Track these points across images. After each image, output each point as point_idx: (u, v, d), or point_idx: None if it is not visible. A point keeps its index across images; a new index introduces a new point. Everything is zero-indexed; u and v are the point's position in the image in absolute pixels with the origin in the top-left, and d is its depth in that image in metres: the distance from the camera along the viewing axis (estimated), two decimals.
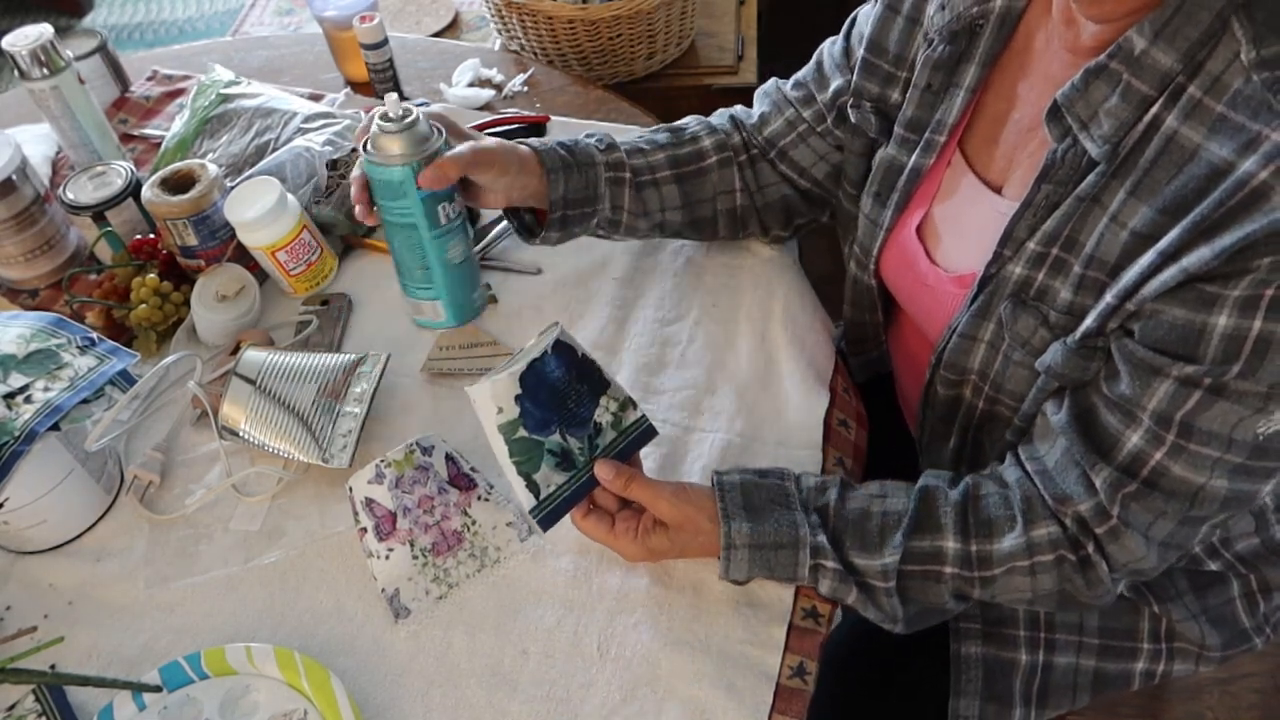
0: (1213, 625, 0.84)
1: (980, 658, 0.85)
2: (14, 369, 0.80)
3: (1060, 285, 0.69)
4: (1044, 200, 0.69)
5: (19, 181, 1.00)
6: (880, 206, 0.85)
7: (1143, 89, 0.63)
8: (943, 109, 0.79)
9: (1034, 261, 0.70)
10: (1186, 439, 0.63)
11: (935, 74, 0.78)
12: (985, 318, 0.75)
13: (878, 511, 0.73)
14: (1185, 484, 0.65)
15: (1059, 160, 0.68)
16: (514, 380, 0.71)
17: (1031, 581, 0.71)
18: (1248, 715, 1.43)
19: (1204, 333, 0.59)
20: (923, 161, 0.81)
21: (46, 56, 1.05)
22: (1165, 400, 0.63)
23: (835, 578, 0.72)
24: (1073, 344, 0.68)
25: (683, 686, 0.71)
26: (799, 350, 0.91)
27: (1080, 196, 0.67)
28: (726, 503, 0.73)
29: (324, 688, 0.71)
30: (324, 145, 1.06)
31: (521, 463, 0.72)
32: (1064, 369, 0.69)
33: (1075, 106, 0.65)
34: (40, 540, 0.83)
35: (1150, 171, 0.63)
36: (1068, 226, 0.68)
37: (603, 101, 1.23)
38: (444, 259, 0.89)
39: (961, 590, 0.73)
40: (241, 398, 0.84)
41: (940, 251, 0.82)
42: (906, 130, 0.82)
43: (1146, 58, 0.62)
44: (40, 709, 0.74)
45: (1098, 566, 0.69)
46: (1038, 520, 0.70)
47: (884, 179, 0.84)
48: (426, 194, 0.84)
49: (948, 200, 0.81)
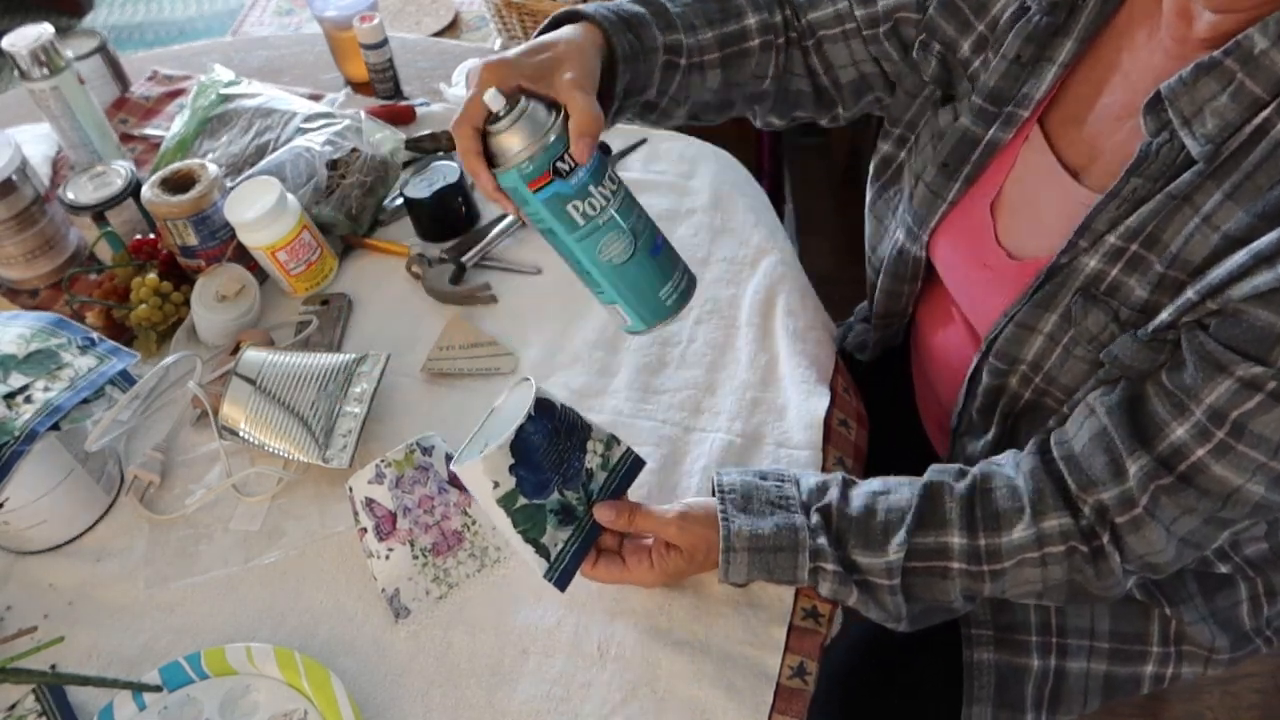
0: (1220, 628, 0.84)
1: (993, 664, 0.84)
2: (14, 369, 0.80)
3: (1136, 283, 0.67)
4: (1131, 193, 0.66)
5: (19, 181, 1.00)
6: (946, 178, 0.81)
7: (1255, 90, 0.60)
8: (1030, 83, 0.75)
9: (1111, 256, 0.68)
10: (1236, 439, 0.62)
11: (1027, 46, 0.74)
12: (1048, 309, 0.72)
13: (881, 508, 0.72)
14: (1222, 484, 0.64)
15: (1153, 154, 0.65)
16: (504, 452, 0.69)
17: (1042, 572, 0.70)
18: (1248, 715, 1.43)
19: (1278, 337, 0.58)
20: (1001, 135, 0.77)
21: (46, 56, 1.05)
22: (1225, 397, 0.61)
23: (835, 580, 0.71)
24: (1144, 336, 0.66)
25: (683, 686, 0.71)
26: (799, 350, 0.91)
27: (1172, 194, 0.64)
28: (726, 505, 0.72)
29: (324, 688, 0.71)
30: (324, 145, 1.06)
31: (527, 530, 0.70)
32: (1132, 360, 0.67)
33: (1179, 101, 0.63)
34: (40, 540, 0.83)
35: (1253, 176, 0.61)
36: (1153, 223, 0.65)
37: None
38: (599, 261, 0.71)
39: (970, 587, 0.72)
40: (241, 398, 0.84)
41: (1007, 233, 0.78)
42: (986, 101, 0.77)
43: (1265, 58, 0.60)
44: (40, 709, 0.74)
45: (1110, 558, 0.69)
46: (1048, 511, 0.70)
47: (955, 150, 0.80)
48: (547, 194, 0.68)
49: (1023, 180, 0.77)
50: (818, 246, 2.01)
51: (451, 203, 1.04)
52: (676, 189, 1.08)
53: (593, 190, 0.69)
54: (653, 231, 0.73)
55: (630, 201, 0.72)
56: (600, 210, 0.70)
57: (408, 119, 1.19)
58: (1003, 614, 0.85)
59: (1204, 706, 1.43)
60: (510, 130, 0.66)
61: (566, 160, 0.67)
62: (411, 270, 1.02)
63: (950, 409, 0.88)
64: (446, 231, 1.05)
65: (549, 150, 0.67)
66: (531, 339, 0.95)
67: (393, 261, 1.04)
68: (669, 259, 0.75)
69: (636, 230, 0.72)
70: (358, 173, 1.06)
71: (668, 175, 1.09)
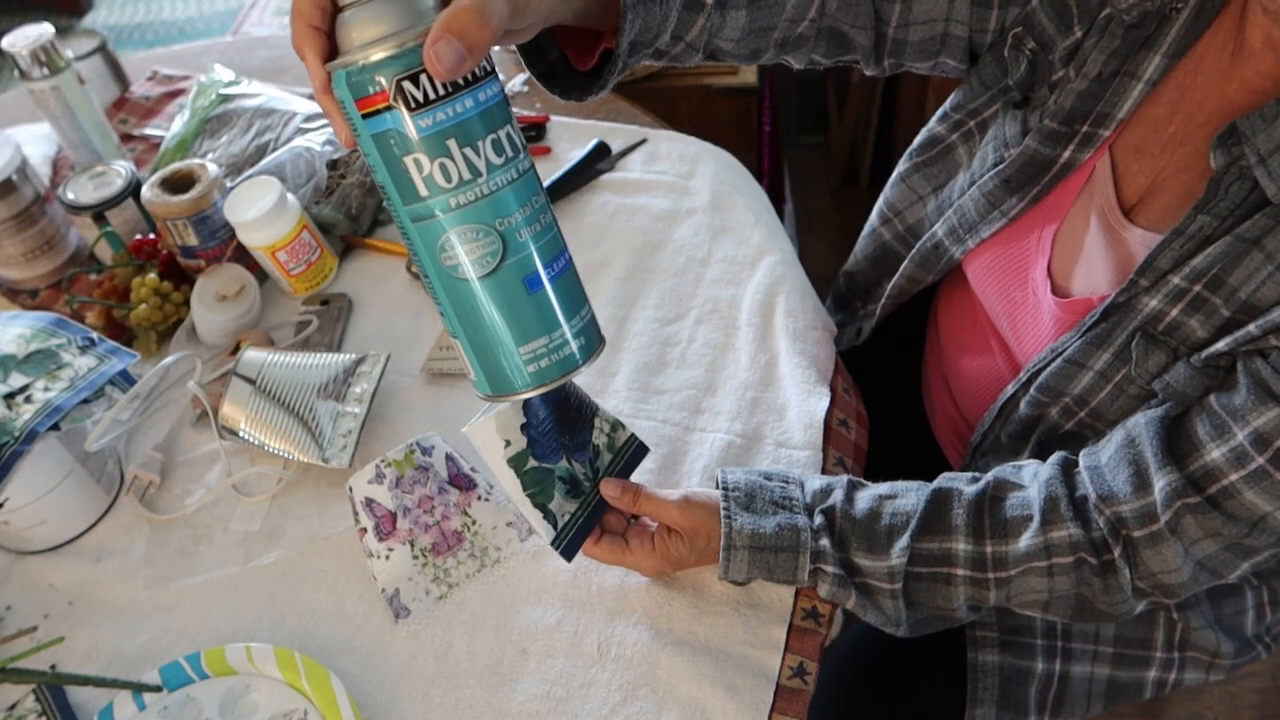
0: (1226, 634, 0.83)
1: (997, 666, 0.84)
2: (14, 369, 0.80)
3: (1198, 324, 0.64)
4: (1198, 231, 0.63)
5: (19, 181, 1.00)
6: (1007, 193, 0.77)
7: None
8: (1107, 99, 0.71)
9: (1173, 296, 0.65)
10: (1276, 467, 0.60)
11: (1110, 61, 0.69)
12: (1100, 347, 0.70)
13: (886, 512, 0.72)
14: (1250, 510, 0.62)
15: (1223, 191, 0.62)
16: (517, 410, 0.68)
17: (1049, 582, 0.69)
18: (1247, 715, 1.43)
19: None
20: (1077, 157, 0.73)
21: (46, 56, 1.05)
22: (1273, 423, 0.60)
23: (834, 582, 0.71)
24: (1198, 362, 0.64)
25: (683, 686, 0.71)
26: (799, 350, 0.91)
27: (1242, 236, 0.61)
28: (729, 502, 0.72)
29: (324, 688, 0.71)
30: (324, 145, 1.06)
31: (536, 494, 0.70)
32: (1185, 387, 0.65)
33: (1257, 137, 0.60)
34: (40, 540, 0.83)
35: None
36: (1219, 265, 0.63)
37: (603, 101, 1.23)
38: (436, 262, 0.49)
39: (974, 595, 0.71)
40: (241, 398, 0.84)
41: (1058, 266, 0.75)
42: (1059, 124, 0.73)
43: None
44: (40, 709, 0.74)
45: (1120, 573, 0.67)
46: (1058, 521, 0.68)
47: (1022, 169, 0.76)
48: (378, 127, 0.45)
49: (1083, 210, 0.74)
50: (817, 246, 2.01)
51: None
52: (676, 189, 1.08)
53: (453, 145, 0.45)
54: (549, 252, 0.50)
55: (525, 189, 0.48)
56: (459, 183, 0.46)
57: None
58: (1008, 616, 0.85)
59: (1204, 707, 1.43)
60: (360, 6, 0.45)
61: (423, 81, 0.44)
62: (411, 270, 1.02)
63: (973, 424, 0.87)
64: None
65: (399, 56, 0.44)
66: None
67: (393, 261, 1.04)
68: (557, 302, 0.51)
69: (513, 237, 0.47)
70: (358, 173, 1.06)
71: (668, 175, 1.09)
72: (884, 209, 0.98)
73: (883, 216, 0.98)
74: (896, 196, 0.95)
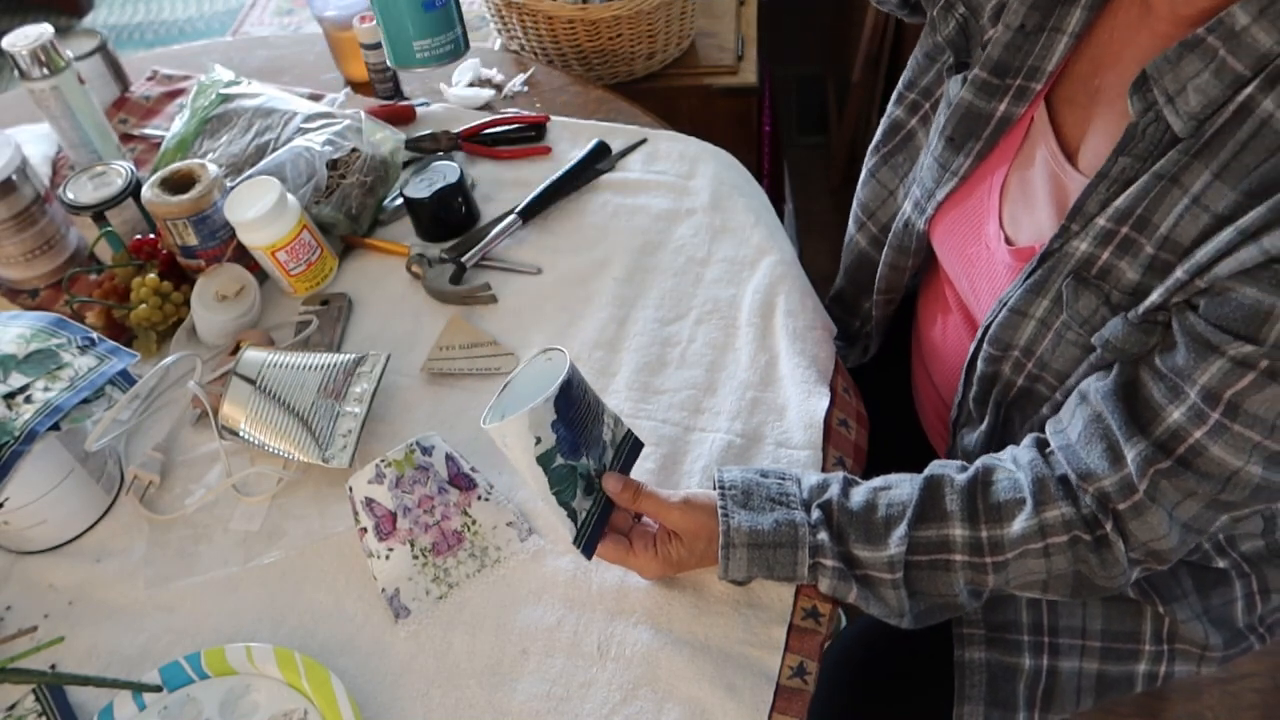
0: (1214, 626, 0.84)
1: (984, 663, 0.84)
2: (14, 369, 0.80)
3: (1127, 266, 0.67)
4: (1120, 174, 0.67)
5: (19, 181, 1.00)
6: (953, 152, 0.81)
7: (1238, 68, 0.60)
8: (1036, 54, 0.74)
9: (1102, 238, 0.68)
10: (1231, 418, 0.62)
11: (1032, 14, 0.74)
12: (1040, 294, 0.72)
13: (882, 503, 0.72)
14: (1221, 465, 0.64)
15: (1140, 133, 0.65)
16: (549, 406, 0.68)
17: (1046, 563, 0.70)
18: (1248, 715, 1.43)
19: (1271, 315, 0.58)
20: (1013, 110, 0.76)
21: (46, 56, 1.05)
22: (1217, 377, 0.61)
23: (835, 575, 0.71)
24: (1135, 318, 0.66)
25: (683, 686, 0.71)
26: (799, 350, 0.91)
27: (1159, 174, 0.64)
28: (726, 501, 0.72)
29: (324, 688, 0.71)
30: (324, 145, 1.06)
31: (560, 492, 0.70)
32: (1123, 343, 0.67)
33: (1164, 79, 0.63)
34: (40, 540, 0.83)
35: (1239, 155, 0.61)
36: (1142, 204, 0.65)
37: (603, 101, 1.23)
38: None
39: (974, 580, 0.72)
40: (241, 398, 0.84)
41: (1009, 218, 0.78)
42: (990, 74, 0.77)
43: (1246, 35, 0.60)
44: (40, 709, 0.74)
45: (1114, 546, 0.69)
46: (1050, 501, 0.69)
47: (961, 123, 0.80)
48: None
49: (1027, 160, 0.77)
50: (817, 246, 2.01)
51: (451, 203, 1.04)
52: (676, 189, 1.08)
53: None
54: None
55: None
56: None
57: (408, 119, 1.19)
58: (994, 613, 0.85)
59: (1204, 706, 1.43)
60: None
61: None
62: (411, 270, 1.02)
63: (950, 401, 0.88)
64: (446, 231, 1.05)
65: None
66: (531, 339, 0.95)
67: (393, 261, 1.04)
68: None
69: None
70: (358, 173, 1.06)
71: (668, 175, 1.09)
72: (858, 213, 0.99)
73: (858, 221, 1.00)
74: (869, 196, 0.96)
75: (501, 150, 1.14)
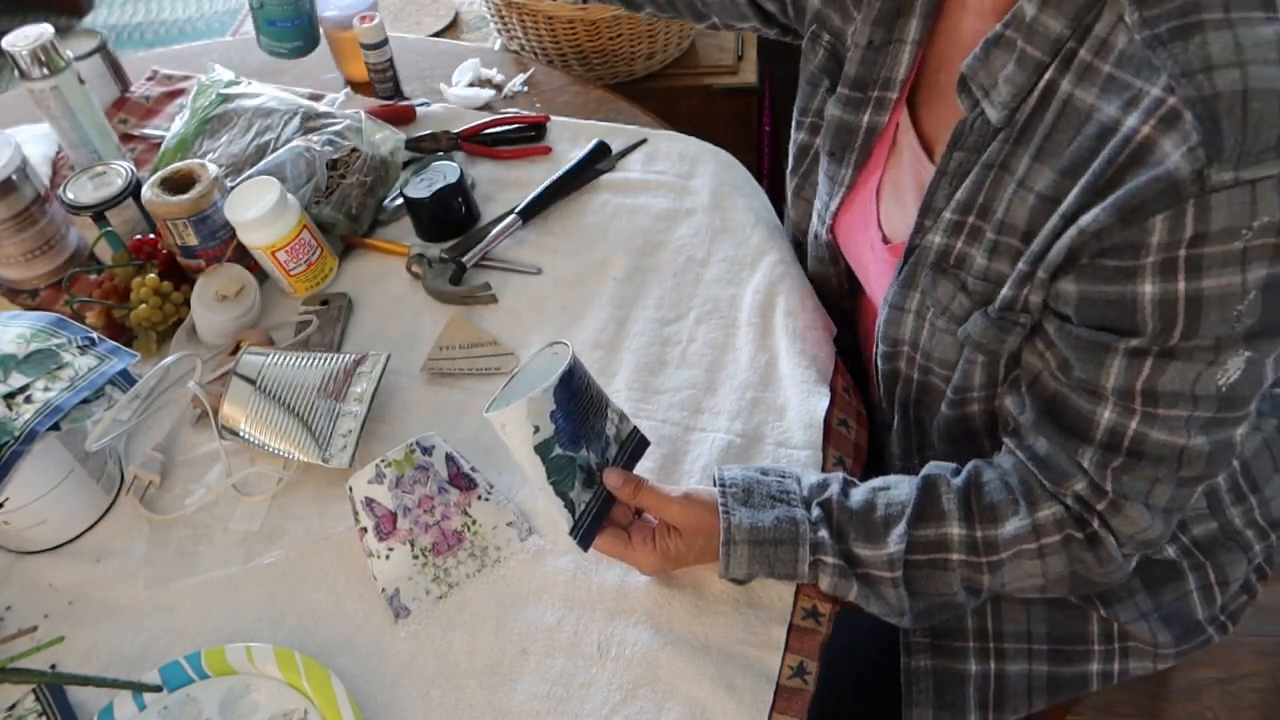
0: (1164, 622, 0.84)
1: (930, 670, 0.85)
2: (14, 369, 0.80)
3: (977, 252, 0.70)
4: (957, 168, 0.70)
5: (19, 181, 1.00)
6: (837, 164, 0.85)
7: (1036, 55, 0.64)
8: (887, 65, 0.79)
9: (951, 230, 0.71)
10: (1154, 405, 0.64)
11: (876, 30, 0.78)
12: (911, 287, 0.76)
13: (881, 503, 0.73)
14: (1167, 447, 0.65)
15: (968, 128, 0.69)
16: (549, 396, 0.69)
17: (1041, 565, 0.71)
18: (1248, 715, 1.43)
19: (1136, 304, 0.60)
20: (877, 119, 0.81)
21: (46, 56, 1.04)
22: (1121, 374, 0.64)
23: (835, 573, 0.72)
24: (993, 313, 0.69)
25: (683, 686, 0.71)
26: (799, 350, 0.91)
27: (987, 164, 0.68)
28: (727, 498, 0.73)
29: (324, 687, 0.71)
30: (324, 145, 1.06)
31: (558, 481, 0.70)
32: (982, 339, 0.70)
33: (978, 76, 0.67)
34: (40, 540, 0.83)
35: (1051, 135, 0.64)
36: (980, 194, 0.69)
37: (603, 101, 1.23)
38: None
39: (971, 579, 0.73)
40: (241, 398, 0.84)
41: (886, 217, 0.82)
42: (851, 90, 0.81)
43: (1037, 23, 0.63)
44: (40, 709, 0.74)
45: (1105, 542, 0.70)
46: (1040, 502, 0.71)
47: (836, 138, 0.84)
48: None
49: (898, 162, 0.81)
50: None
51: (451, 203, 1.04)
52: (676, 189, 1.08)
53: None
54: None
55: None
56: None
57: (408, 119, 1.19)
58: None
59: (1204, 706, 1.43)
60: None
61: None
62: (411, 270, 1.02)
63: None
64: (446, 231, 1.05)
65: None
66: (531, 339, 0.95)
67: (393, 261, 1.04)
68: None
69: None
70: (358, 173, 1.06)
71: (668, 175, 1.09)
72: (794, 234, 1.02)
73: (795, 242, 1.02)
74: (799, 216, 0.99)
75: (501, 150, 1.14)
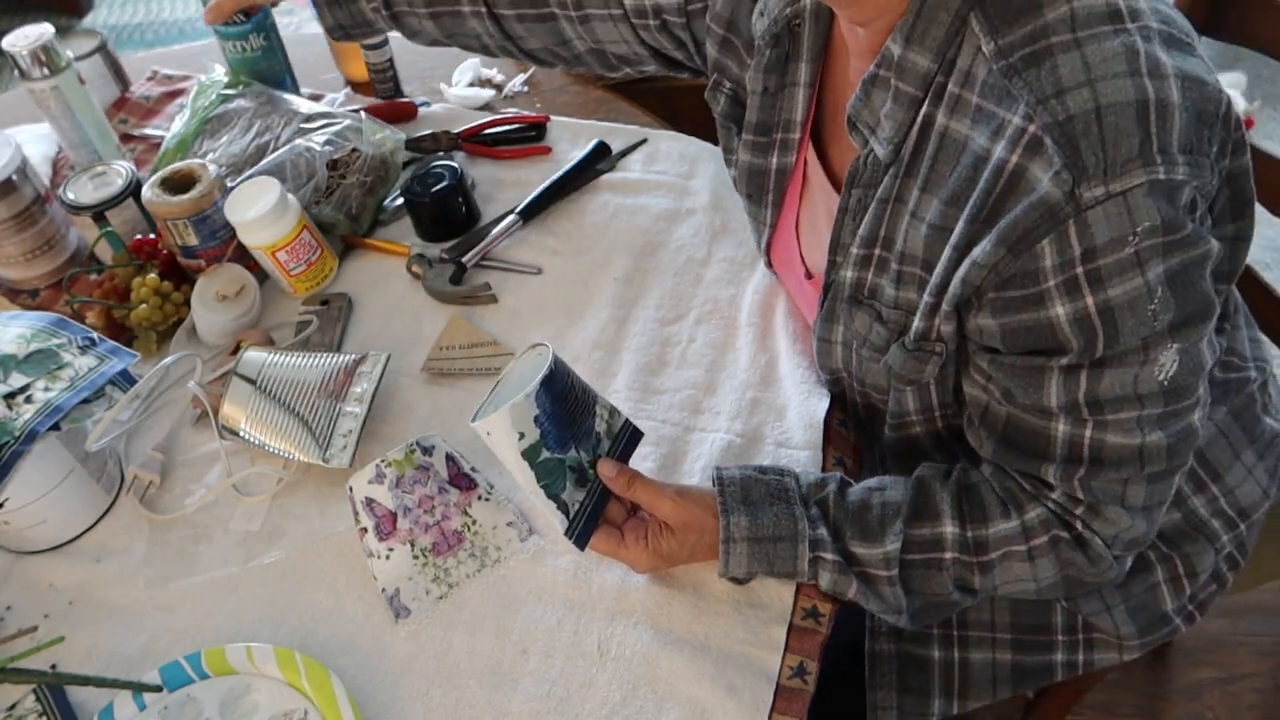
0: (1130, 614, 0.85)
1: (894, 654, 0.87)
2: (14, 369, 0.80)
3: (885, 282, 0.71)
4: (857, 204, 0.72)
5: (19, 181, 1.00)
6: (756, 205, 0.87)
7: (910, 90, 0.65)
8: (785, 108, 0.80)
9: (860, 263, 0.73)
10: (1101, 413, 0.64)
11: (769, 77, 0.79)
12: (833, 320, 0.78)
13: (877, 502, 0.74)
14: (1126, 449, 0.66)
15: (862, 165, 0.70)
16: (530, 401, 0.68)
17: (1031, 568, 0.72)
18: (1248, 715, 1.43)
19: (1054, 326, 0.61)
20: (785, 160, 0.82)
21: (46, 56, 1.05)
22: (1062, 391, 0.64)
23: (835, 570, 0.72)
24: (910, 345, 0.70)
25: (683, 686, 0.71)
26: (799, 350, 0.91)
27: (883, 199, 0.69)
28: (726, 497, 0.73)
29: (324, 687, 0.71)
30: (324, 145, 1.06)
31: (549, 485, 0.70)
32: (902, 370, 0.72)
33: (863, 115, 0.68)
34: (40, 540, 0.83)
35: (934, 167, 0.65)
36: (882, 227, 0.70)
37: (603, 101, 1.23)
38: None
39: (964, 579, 0.74)
40: (241, 398, 0.84)
41: (808, 251, 0.84)
42: (755, 135, 0.83)
43: (906, 61, 0.64)
44: (40, 709, 0.74)
45: (1092, 543, 0.70)
46: (1024, 504, 0.71)
47: (750, 181, 0.86)
48: None
49: (811, 200, 0.82)
50: None
51: (451, 203, 1.04)
52: (676, 189, 1.08)
53: None
54: None
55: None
56: None
57: (408, 119, 1.19)
58: None
59: (1204, 706, 1.43)
60: None
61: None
62: (411, 270, 1.02)
63: None
64: (447, 231, 1.05)
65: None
66: (532, 339, 0.94)
67: (393, 261, 1.04)
68: None
69: None
70: (358, 173, 1.06)
71: (668, 175, 1.09)
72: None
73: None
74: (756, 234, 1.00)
75: (501, 150, 1.14)
